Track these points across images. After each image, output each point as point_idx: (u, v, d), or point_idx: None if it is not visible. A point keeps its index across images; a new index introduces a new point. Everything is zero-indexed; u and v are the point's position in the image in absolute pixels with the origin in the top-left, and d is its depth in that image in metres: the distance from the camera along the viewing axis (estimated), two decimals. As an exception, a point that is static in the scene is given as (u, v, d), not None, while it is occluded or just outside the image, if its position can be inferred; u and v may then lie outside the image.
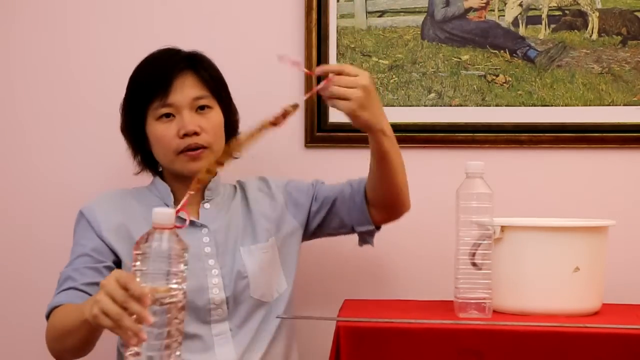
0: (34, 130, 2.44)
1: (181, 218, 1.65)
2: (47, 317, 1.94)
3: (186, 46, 2.14)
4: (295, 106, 1.74)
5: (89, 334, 1.77)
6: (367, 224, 2.10)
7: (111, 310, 1.53)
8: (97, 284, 1.87)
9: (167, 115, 2.02)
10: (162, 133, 2.02)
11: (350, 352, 1.82)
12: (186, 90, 2.02)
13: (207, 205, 2.09)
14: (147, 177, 2.16)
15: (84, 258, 1.99)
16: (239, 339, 2.01)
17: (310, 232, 2.16)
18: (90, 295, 1.90)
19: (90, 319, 1.59)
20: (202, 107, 2.03)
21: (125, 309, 1.52)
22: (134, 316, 1.51)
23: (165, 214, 1.55)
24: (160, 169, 2.14)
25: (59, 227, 2.40)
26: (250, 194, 2.14)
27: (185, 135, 2.00)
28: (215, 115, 2.05)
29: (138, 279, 1.53)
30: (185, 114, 2.01)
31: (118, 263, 2.01)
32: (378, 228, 2.13)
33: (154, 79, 2.02)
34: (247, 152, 1.77)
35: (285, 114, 1.73)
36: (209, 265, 2.03)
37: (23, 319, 2.43)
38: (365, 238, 2.14)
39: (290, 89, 2.36)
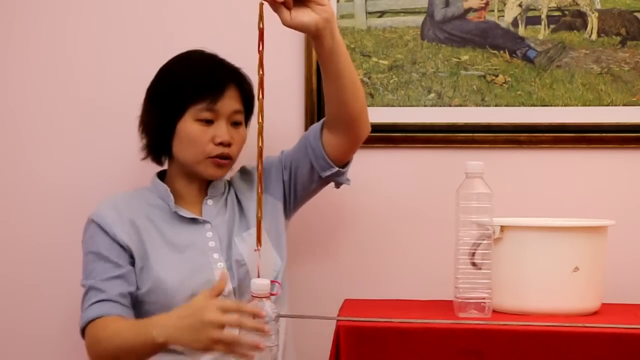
0: (32, 131, 2.43)
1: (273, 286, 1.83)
2: (83, 330, 2.02)
3: (185, 47, 2.15)
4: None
5: (151, 353, 1.91)
6: (329, 167, 2.11)
7: (228, 337, 1.75)
8: (128, 294, 2.03)
9: (208, 119, 2.07)
10: (199, 135, 2.07)
11: (350, 352, 1.82)
12: (232, 102, 2.09)
13: (209, 202, 2.14)
14: (144, 177, 2.18)
15: (105, 265, 2.04)
16: None
17: (293, 200, 2.19)
18: (124, 306, 2.02)
19: (195, 347, 1.79)
20: (235, 122, 2.11)
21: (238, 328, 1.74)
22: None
23: (262, 284, 1.76)
24: (164, 166, 2.17)
25: (58, 228, 2.41)
26: (237, 186, 2.20)
27: (220, 143, 2.07)
28: (243, 131, 2.13)
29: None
30: (223, 123, 2.08)
31: (132, 262, 2.07)
32: (342, 167, 2.12)
33: (207, 82, 2.08)
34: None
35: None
36: (214, 259, 2.07)
37: (23, 321, 2.43)
38: (337, 180, 2.15)
39: (290, 89, 2.36)
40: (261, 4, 1.83)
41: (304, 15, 1.87)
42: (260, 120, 1.83)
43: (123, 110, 2.23)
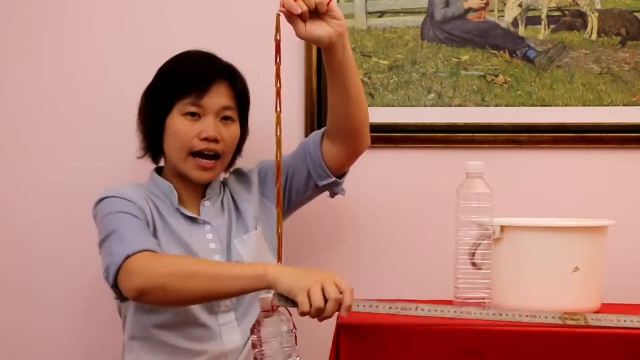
0: (33, 131, 2.43)
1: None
2: (122, 262, 1.89)
3: (186, 47, 2.15)
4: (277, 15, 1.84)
5: (245, 289, 1.85)
6: (326, 176, 2.12)
7: (318, 300, 1.74)
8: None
9: (194, 114, 2.07)
10: (184, 130, 2.06)
11: (350, 351, 1.82)
12: (220, 97, 2.08)
13: (207, 203, 2.14)
14: (144, 177, 2.18)
15: (134, 219, 1.98)
16: (244, 326, 2.06)
17: (286, 205, 2.18)
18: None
19: (297, 285, 1.76)
20: (226, 118, 2.09)
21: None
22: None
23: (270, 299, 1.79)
24: (161, 164, 2.17)
25: (59, 227, 2.41)
26: (232, 187, 2.20)
27: (206, 139, 2.05)
28: (235, 128, 2.11)
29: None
30: (210, 119, 2.07)
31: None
32: (339, 178, 2.14)
33: (194, 77, 2.07)
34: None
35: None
36: (215, 260, 2.06)
37: (23, 320, 2.43)
38: (333, 190, 2.17)
39: (289, 89, 2.36)
40: (278, 15, 1.83)
41: (318, 28, 1.88)
42: (278, 133, 1.83)
43: (123, 111, 2.23)
